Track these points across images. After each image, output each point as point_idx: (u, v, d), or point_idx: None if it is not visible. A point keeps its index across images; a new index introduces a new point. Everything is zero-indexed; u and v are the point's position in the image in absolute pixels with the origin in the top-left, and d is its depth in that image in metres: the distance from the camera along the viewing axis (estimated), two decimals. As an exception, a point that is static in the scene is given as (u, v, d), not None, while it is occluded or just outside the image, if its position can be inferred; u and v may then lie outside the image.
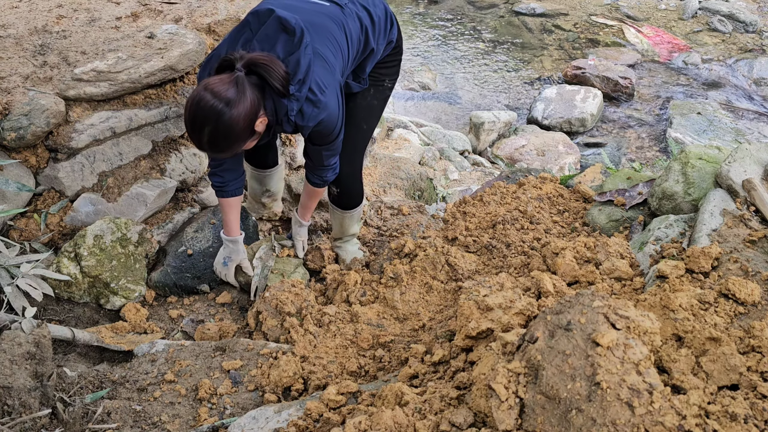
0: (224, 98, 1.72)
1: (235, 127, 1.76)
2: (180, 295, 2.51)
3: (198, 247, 2.54)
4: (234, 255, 2.42)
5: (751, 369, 1.35)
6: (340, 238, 2.68)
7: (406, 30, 7.76)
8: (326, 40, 1.94)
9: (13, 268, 2.05)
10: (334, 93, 1.95)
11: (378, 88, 2.33)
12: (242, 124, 1.77)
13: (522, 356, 1.29)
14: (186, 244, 2.54)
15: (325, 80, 1.91)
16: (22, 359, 1.58)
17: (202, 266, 2.52)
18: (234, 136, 1.79)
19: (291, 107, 1.85)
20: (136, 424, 1.67)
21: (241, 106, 1.74)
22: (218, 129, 1.74)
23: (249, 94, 1.75)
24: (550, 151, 5.52)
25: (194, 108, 1.73)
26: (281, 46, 1.83)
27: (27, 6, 2.88)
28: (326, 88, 1.91)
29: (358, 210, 2.58)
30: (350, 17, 2.04)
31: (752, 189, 1.99)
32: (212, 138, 1.77)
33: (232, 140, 1.80)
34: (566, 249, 2.11)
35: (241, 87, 1.74)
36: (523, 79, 6.93)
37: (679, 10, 8.13)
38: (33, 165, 2.37)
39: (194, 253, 2.53)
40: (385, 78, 2.34)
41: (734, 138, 5.75)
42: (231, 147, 1.84)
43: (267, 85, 1.80)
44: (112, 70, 2.44)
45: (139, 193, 2.55)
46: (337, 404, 1.60)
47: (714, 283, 1.72)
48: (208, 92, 1.72)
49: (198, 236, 2.57)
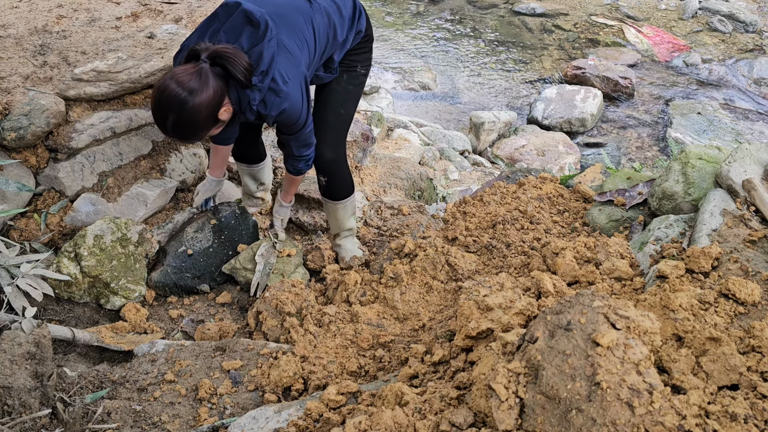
0: (187, 87, 1.81)
1: (197, 115, 1.85)
2: (180, 295, 2.51)
3: (198, 247, 2.54)
4: (206, 189, 2.58)
5: (751, 369, 1.35)
6: (338, 235, 2.67)
7: (407, 30, 7.77)
8: (292, 32, 2.01)
9: (13, 268, 2.05)
10: (297, 84, 2.03)
11: (351, 74, 2.38)
12: (205, 113, 1.86)
13: (522, 356, 1.29)
14: (186, 244, 2.54)
15: (288, 72, 1.98)
16: (22, 359, 1.58)
17: (203, 266, 2.52)
18: (197, 124, 1.89)
19: (253, 97, 1.94)
20: (136, 424, 1.67)
21: (203, 95, 1.83)
22: (182, 117, 1.84)
23: (212, 83, 1.84)
24: (550, 151, 5.52)
25: (159, 95, 1.83)
26: (246, 38, 1.91)
27: (27, 6, 2.88)
28: (289, 79, 1.99)
29: (350, 201, 2.58)
30: (318, 12, 2.11)
31: (752, 189, 1.99)
32: (176, 125, 1.87)
33: (195, 127, 1.90)
34: (566, 249, 2.11)
35: (204, 77, 1.82)
36: (523, 79, 6.93)
37: (679, 10, 8.13)
38: (33, 165, 2.37)
39: (194, 253, 2.52)
40: (357, 64, 2.39)
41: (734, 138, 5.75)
42: (195, 134, 1.94)
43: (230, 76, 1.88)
44: (112, 70, 2.44)
45: (139, 193, 2.55)
46: (337, 404, 1.60)
47: (714, 283, 1.72)
48: (173, 81, 1.81)
49: (198, 236, 2.57)
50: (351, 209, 2.61)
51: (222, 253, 2.58)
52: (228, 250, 2.60)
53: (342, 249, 2.68)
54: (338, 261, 2.70)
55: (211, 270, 2.54)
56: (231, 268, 2.55)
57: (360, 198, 3.32)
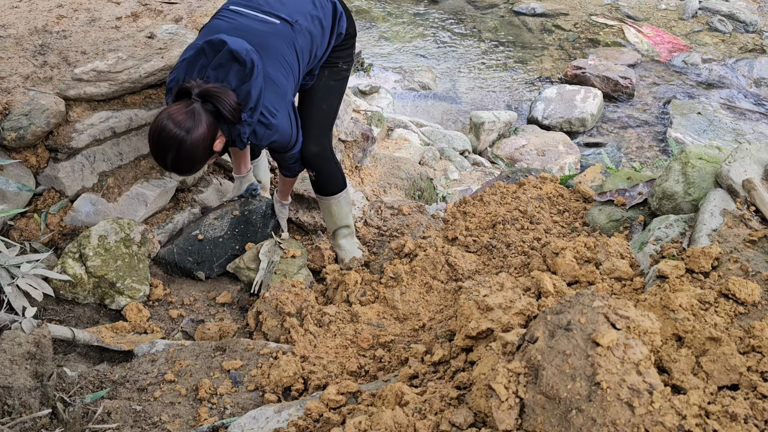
0: (184, 127, 1.91)
1: (195, 152, 1.96)
2: (177, 274, 2.54)
3: (210, 234, 2.57)
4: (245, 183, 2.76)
5: (751, 369, 1.35)
6: (337, 234, 2.66)
7: (407, 30, 7.77)
8: (278, 63, 2.09)
9: (13, 268, 2.05)
10: (285, 114, 2.16)
11: (333, 69, 2.42)
12: (201, 148, 1.97)
13: (522, 356, 1.29)
14: (201, 229, 2.59)
15: (276, 104, 2.09)
16: (22, 359, 1.58)
17: (207, 254, 2.55)
18: (195, 160, 2.00)
19: (243, 131, 2.06)
20: (136, 424, 1.67)
21: (198, 132, 1.93)
22: (180, 154, 1.95)
23: (204, 120, 1.94)
24: (550, 151, 5.52)
25: (157, 136, 1.93)
26: (233, 76, 1.99)
27: (27, 6, 2.88)
28: (277, 111, 2.10)
29: (344, 196, 2.58)
30: (300, 34, 2.16)
31: (752, 189, 1.99)
32: (175, 161, 1.98)
33: (193, 162, 2.01)
34: (566, 249, 2.11)
35: (198, 116, 1.93)
36: (523, 79, 6.93)
37: (679, 10, 8.13)
38: (33, 165, 2.37)
39: (204, 239, 2.56)
40: (339, 60, 2.43)
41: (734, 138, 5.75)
42: (193, 168, 2.05)
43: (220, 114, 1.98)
44: (112, 70, 2.45)
45: (139, 193, 2.55)
46: (337, 404, 1.60)
47: (714, 283, 1.72)
48: (170, 121, 1.91)
49: (215, 224, 2.61)
50: (346, 204, 2.61)
51: (230, 246, 2.60)
52: (237, 245, 2.61)
53: (341, 250, 2.67)
54: (338, 261, 2.70)
55: (213, 260, 2.55)
56: (235, 267, 2.55)
57: (360, 198, 3.32)
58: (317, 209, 3.01)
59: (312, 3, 2.23)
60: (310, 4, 2.23)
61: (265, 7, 2.15)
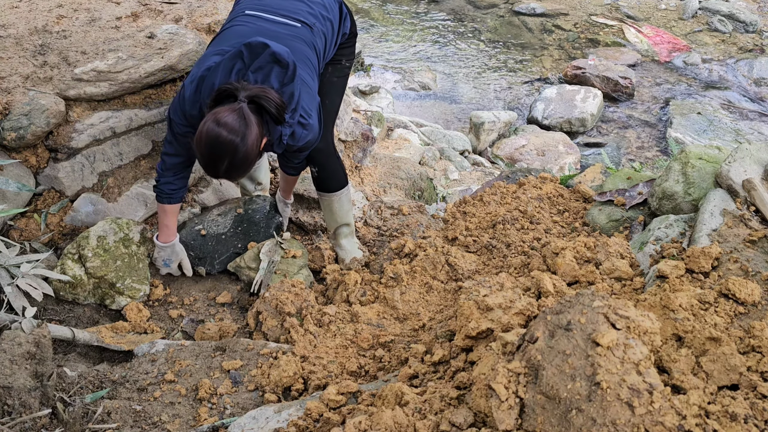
0: (238, 133, 1.85)
1: (250, 155, 1.91)
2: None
3: (213, 230, 2.58)
4: (174, 256, 2.45)
5: (751, 369, 1.35)
6: (337, 233, 2.67)
7: (407, 30, 7.77)
8: (305, 65, 2.10)
9: (13, 268, 2.05)
10: (317, 115, 2.15)
11: (336, 66, 2.45)
12: (254, 152, 1.92)
13: (522, 356, 1.29)
14: (204, 224, 2.59)
15: (310, 105, 2.10)
16: (22, 359, 1.58)
17: (209, 250, 2.55)
18: (249, 163, 1.94)
19: (285, 132, 2.02)
20: (136, 424, 1.67)
21: (252, 136, 1.88)
22: (235, 160, 1.88)
23: (255, 122, 1.89)
24: (550, 151, 5.51)
25: (212, 144, 1.84)
26: (275, 78, 1.96)
27: (27, 6, 2.87)
28: (312, 111, 2.10)
29: (345, 193, 2.59)
30: (318, 36, 2.20)
31: (752, 189, 1.99)
32: (230, 167, 1.91)
33: (246, 168, 1.96)
34: (566, 249, 2.11)
35: (249, 118, 1.87)
36: (523, 79, 6.93)
37: (679, 10, 8.13)
38: (33, 165, 2.37)
39: (207, 235, 2.57)
40: (342, 58, 2.46)
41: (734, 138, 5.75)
42: (246, 172, 2.00)
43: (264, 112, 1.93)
44: (112, 70, 2.45)
45: (139, 193, 2.55)
46: (337, 404, 1.60)
47: (714, 283, 1.72)
48: (223, 129, 1.83)
49: (218, 220, 2.62)
50: (347, 202, 2.62)
51: (232, 243, 2.60)
52: (240, 243, 2.61)
53: (342, 250, 2.68)
54: (338, 261, 2.70)
55: (215, 256, 2.55)
56: (236, 266, 2.56)
57: (360, 198, 3.32)
58: (317, 209, 3.01)
59: (323, 5, 2.26)
60: (322, 6, 2.25)
61: (283, 11, 2.16)
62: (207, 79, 1.98)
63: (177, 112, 2.07)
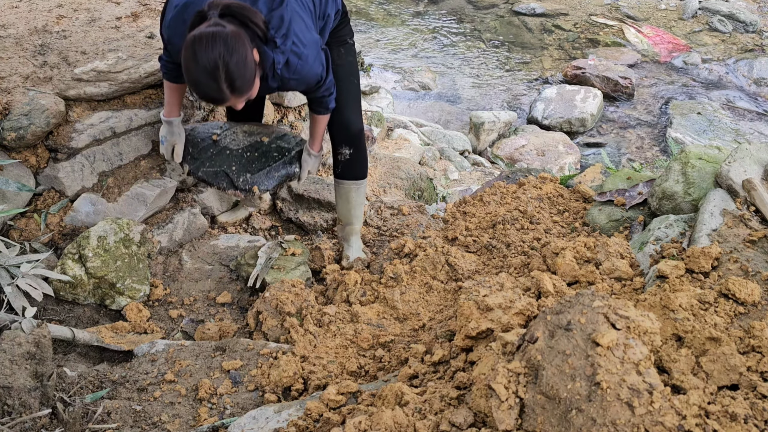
0: (220, 35, 1.73)
1: (245, 57, 1.78)
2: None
3: (226, 141, 2.44)
4: (169, 136, 2.37)
5: (751, 369, 1.35)
6: (347, 228, 2.66)
7: (407, 30, 7.77)
8: (301, 4, 2.04)
9: (13, 268, 2.05)
10: (314, 48, 2.05)
11: (346, 46, 2.46)
12: (250, 56, 1.80)
13: (522, 356, 1.29)
14: (223, 132, 2.44)
15: (304, 35, 2.01)
16: (22, 359, 1.58)
17: (206, 155, 2.42)
18: (249, 68, 1.81)
19: (278, 59, 1.94)
20: (136, 424, 1.67)
21: (237, 38, 1.77)
22: (231, 65, 1.76)
23: (234, 27, 1.78)
24: (550, 151, 5.52)
25: (199, 48, 1.74)
26: (263, 3, 1.90)
27: (27, 6, 2.88)
28: (306, 41, 2.02)
29: (364, 185, 2.58)
30: None
31: (752, 189, 1.99)
32: (230, 77, 1.78)
33: (249, 73, 1.82)
34: (566, 249, 2.11)
35: (227, 25, 1.77)
36: (523, 79, 6.93)
37: (679, 10, 8.13)
38: (33, 165, 2.37)
39: (217, 141, 2.42)
40: (346, 36, 2.46)
41: (734, 138, 5.75)
42: (251, 82, 1.85)
43: (247, 27, 1.83)
44: (112, 70, 2.45)
45: (139, 193, 2.55)
46: (337, 404, 1.60)
47: (714, 283, 1.72)
48: (205, 38, 1.73)
49: (238, 137, 2.47)
50: (363, 195, 2.62)
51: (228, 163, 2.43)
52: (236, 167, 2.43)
53: (349, 247, 2.67)
54: (340, 260, 2.70)
55: (205, 163, 2.41)
56: (236, 264, 2.57)
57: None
58: (317, 209, 3.01)
59: None
60: None
61: None
62: (191, 6, 1.90)
63: (163, 36, 2.06)
